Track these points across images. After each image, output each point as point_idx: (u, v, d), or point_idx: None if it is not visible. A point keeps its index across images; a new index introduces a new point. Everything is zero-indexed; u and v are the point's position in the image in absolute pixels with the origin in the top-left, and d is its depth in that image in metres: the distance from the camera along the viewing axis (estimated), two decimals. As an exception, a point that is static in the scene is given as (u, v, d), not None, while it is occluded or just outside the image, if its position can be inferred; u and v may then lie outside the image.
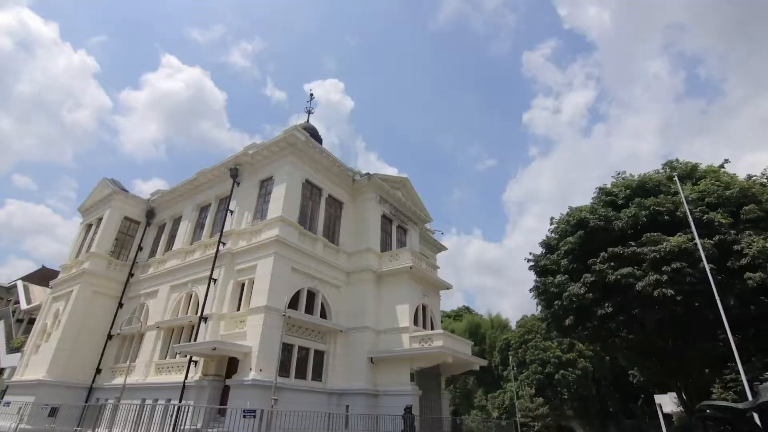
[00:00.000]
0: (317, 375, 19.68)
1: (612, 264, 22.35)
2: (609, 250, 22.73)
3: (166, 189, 28.33)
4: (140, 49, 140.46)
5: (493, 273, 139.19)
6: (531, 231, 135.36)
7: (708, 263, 18.42)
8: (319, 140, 27.13)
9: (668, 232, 21.98)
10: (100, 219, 27.25)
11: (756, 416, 8.86)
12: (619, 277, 21.63)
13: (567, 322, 24.59)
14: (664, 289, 20.19)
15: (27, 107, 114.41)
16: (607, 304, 22.43)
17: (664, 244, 21.12)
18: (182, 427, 15.01)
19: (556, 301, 24.79)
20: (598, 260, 22.83)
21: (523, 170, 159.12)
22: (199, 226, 24.65)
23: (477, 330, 54.34)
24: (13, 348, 30.76)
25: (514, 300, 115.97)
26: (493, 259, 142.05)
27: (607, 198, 25.67)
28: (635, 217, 22.85)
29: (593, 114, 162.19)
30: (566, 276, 24.22)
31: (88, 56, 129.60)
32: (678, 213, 22.06)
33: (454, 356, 19.60)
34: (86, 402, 21.89)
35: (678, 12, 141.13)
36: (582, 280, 23.24)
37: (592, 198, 27.03)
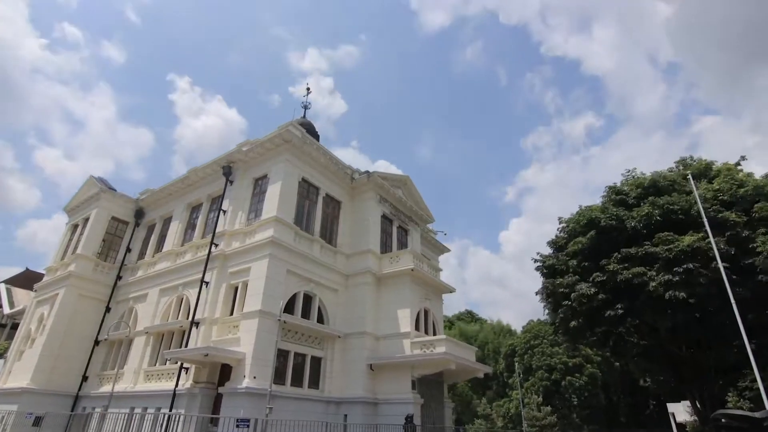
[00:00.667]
0: (314, 382, 19.00)
1: (625, 265, 21.80)
2: (622, 250, 22.17)
3: (155, 188, 27.40)
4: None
5: (495, 282, 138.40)
6: (531, 234, 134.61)
7: (721, 262, 17.88)
8: (316, 137, 26.45)
9: (682, 231, 21.51)
10: (87, 219, 26.39)
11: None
12: (630, 276, 21.07)
13: (573, 323, 23.91)
14: (675, 292, 19.63)
15: (75, 142, 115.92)
16: (618, 306, 21.76)
17: (677, 243, 20.63)
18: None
19: (565, 302, 24.13)
20: (611, 260, 22.25)
21: (524, 173, 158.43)
22: (191, 226, 23.86)
23: (476, 337, 53.35)
24: (-4, 354, 29.87)
25: (515, 308, 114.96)
26: (495, 267, 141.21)
27: (618, 197, 25.18)
28: (648, 217, 22.33)
29: (591, 137, 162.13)
30: (576, 276, 23.54)
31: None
32: (692, 212, 21.59)
33: (457, 363, 18.97)
34: (72, 411, 21.21)
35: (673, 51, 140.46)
36: (592, 279, 22.65)
37: (602, 197, 26.56)
